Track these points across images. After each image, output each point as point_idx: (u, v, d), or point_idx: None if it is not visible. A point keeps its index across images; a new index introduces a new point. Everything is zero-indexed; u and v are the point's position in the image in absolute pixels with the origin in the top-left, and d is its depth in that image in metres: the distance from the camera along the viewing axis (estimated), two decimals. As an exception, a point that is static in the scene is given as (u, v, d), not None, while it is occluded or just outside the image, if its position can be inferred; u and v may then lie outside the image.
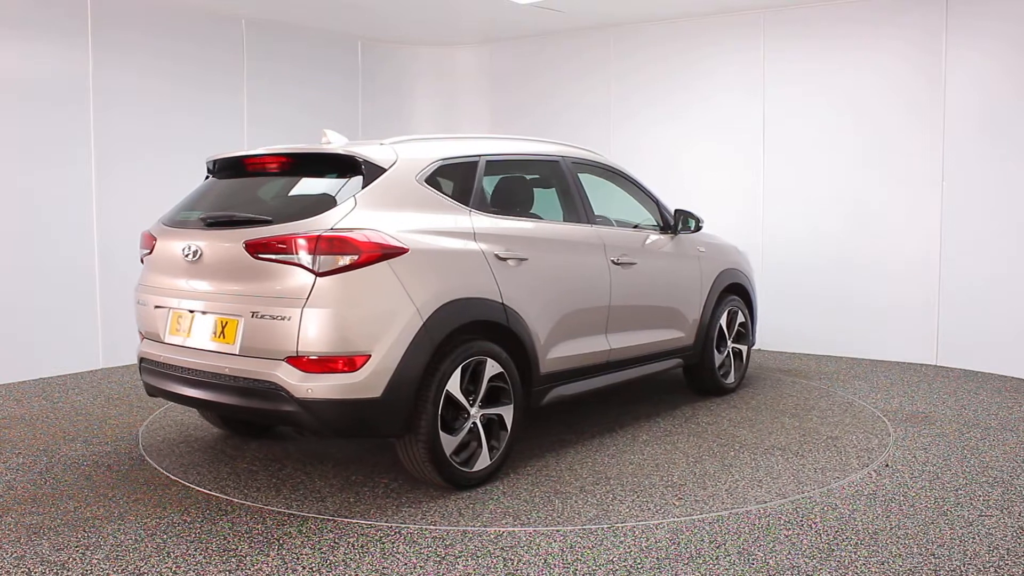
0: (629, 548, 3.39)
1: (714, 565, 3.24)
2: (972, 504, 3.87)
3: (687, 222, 5.63)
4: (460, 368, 3.96)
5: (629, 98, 8.39)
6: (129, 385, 6.30)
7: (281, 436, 5.02)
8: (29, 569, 3.20)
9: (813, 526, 3.61)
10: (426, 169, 4.15)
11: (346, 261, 3.66)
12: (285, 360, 3.69)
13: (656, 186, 5.84)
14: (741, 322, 6.16)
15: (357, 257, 3.67)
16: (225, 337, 3.87)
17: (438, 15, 8.10)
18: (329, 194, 3.92)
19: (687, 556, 3.32)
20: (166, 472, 4.35)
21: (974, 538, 3.48)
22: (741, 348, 6.21)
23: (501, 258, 4.24)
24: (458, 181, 4.36)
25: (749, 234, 7.60)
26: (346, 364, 3.66)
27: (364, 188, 3.89)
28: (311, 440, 4.91)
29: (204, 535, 3.52)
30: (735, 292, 6.12)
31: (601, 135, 8.42)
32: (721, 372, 5.98)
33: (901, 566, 3.22)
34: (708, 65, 7.95)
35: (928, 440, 4.91)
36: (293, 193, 4.14)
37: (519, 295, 4.29)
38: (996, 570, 3.18)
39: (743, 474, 4.29)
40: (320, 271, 3.65)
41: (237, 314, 3.82)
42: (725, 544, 3.43)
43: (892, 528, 3.59)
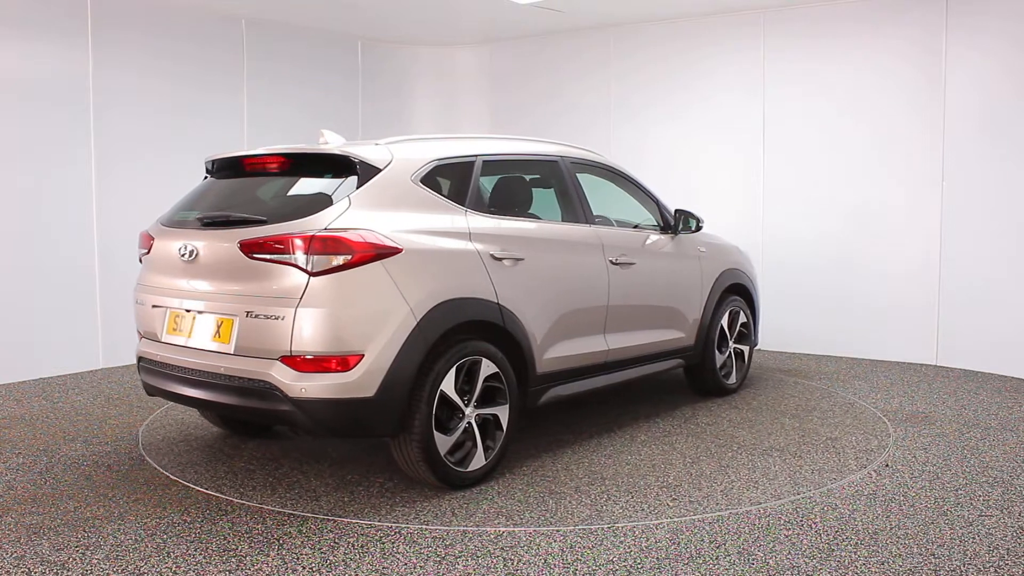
0: (629, 548, 3.39)
1: (714, 565, 3.24)
2: (972, 504, 3.87)
3: (687, 222, 5.62)
4: (455, 368, 3.96)
5: (629, 98, 8.39)
6: (129, 385, 6.30)
7: (279, 435, 5.02)
8: (29, 569, 3.20)
9: (813, 526, 3.61)
10: (421, 169, 4.15)
11: (340, 261, 3.67)
12: (279, 360, 3.70)
13: (656, 186, 5.83)
14: (743, 323, 6.15)
15: (351, 257, 3.68)
16: (221, 337, 3.88)
17: (438, 15, 8.10)
18: (324, 194, 3.93)
19: (687, 556, 3.32)
20: (166, 472, 4.35)
21: (974, 538, 3.48)
22: (743, 349, 6.20)
23: (497, 258, 4.23)
24: (454, 181, 4.36)
25: (749, 234, 7.60)
26: (339, 364, 3.67)
27: (359, 188, 3.89)
28: (309, 439, 4.91)
29: (204, 535, 3.52)
30: (737, 292, 6.10)
31: (601, 135, 8.42)
32: (722, 373, 5.97)
33: (901, 566, 3.22)
34: (708, 65, 7.95)
35: (928, 440, 4.91)
36: (289, 193, 4.15)
37: (515, 295, 4.28)
38: (996, 570, 3.18)
39: (739, 475, 4.28)
40: (314, 271, 3.66)
41: (232, 314, 3.83)
42: (725, 544, 3.43)
43: (892, 528, 3.59)
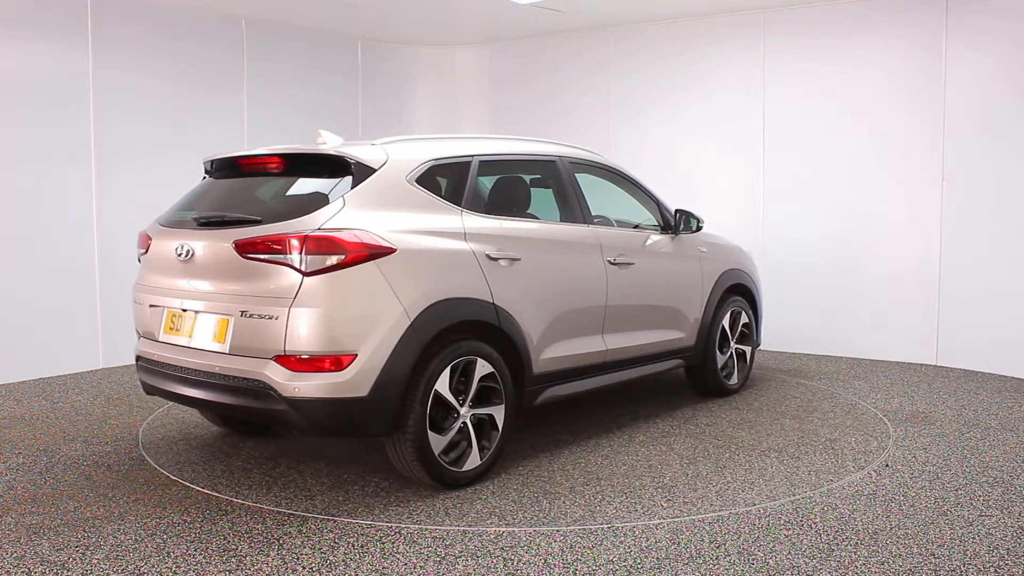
0: (629, 548, 3.39)
1: (714, 565, 3.23)
2: (972, 504, 3.87)
3: (688, 222, 5.61)
4: (449, 368, 3.96)
5: (629, 98, 8.39)
6: (129, 385, 6.30)
7: (279, 435, 5.02)
8: (29, 569, 3.20)
9: (813, 526, 3.61)
10: (417, 169, 4.15)
11: (333, 261, 3.67)
12: (273, 359, 3.71)
13: (656, 186, 5.82)
14: (745, 323, 6.13)
15: (344, 257, 3.68)
16: (216, 336, 3.89)
17: (438, 15, 8.10)
18: (319, 194, 3.94)
19: (687, 556, 3.32)
20: (166, 472, 4.35)
21: (974, 538, 3.48)
22: (745, 349, 6.17)
23: (492, 258, 4.23)
24: (450, 181, 4.36)
25: (749, 234, 7.60)
26: (333, 363, 3.67)
27: (353, 188, 3.90)
28: (307, 439, 4.91)
29: (204, 535, 3.52)
30: (738, 293, 6.09)
31: (601, 135, 8.42)
32: (724, 373, 5.95)
33: (901, 566, 3.22)
34: (708, 65, 7.95)
35: (928, 440, 4.91)
36: (285, 193, 4.16)
37: (511, 295, 4.28)
38: (996, 570, 3.18)
39: (735, 476, 4.27)
40: (307, 271, 3.66)
41: (227, 313, 3.85)
42: (725, 544, 3.43)
43: (892, 528, 3.59)
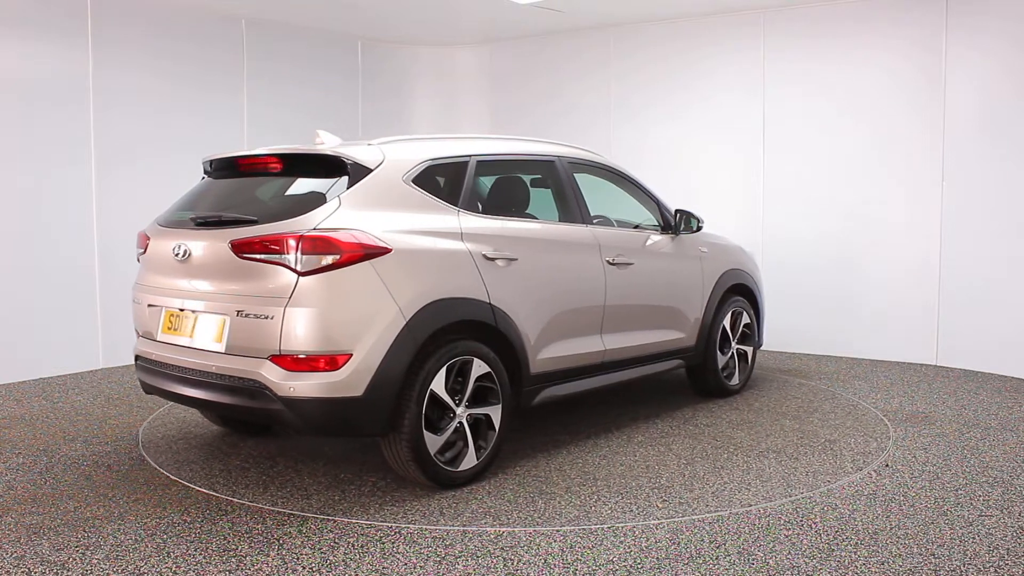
0: (629, 548, 3.39)
1: (714, 565, 3.23)
2: (972, 504, 3.87)
3: (688, 222, 5.60)
4: (445, 368, 3.97)
5: (629, 98, 8.39)
6: (129, 385, 6.30)
7: (277, 434, 5.02)
8: (29, 569, 3.20)
9: (813, 526, 3.61)
10: (413, 169, 4.15)
11: (328, 261, 3.68)
12: (269, 359, 3.72)
13: (656, 186, 5.82)
14: (746, 323, 6.11)
15: (339, 257, 3.69)
16: (213, 336, 3.90)
17: (438, 15, 8.10)
18: (315, 194, 3.95)
19: (687, 556, 3.32)
20: (166, 472, 4.35)
21: (974, 538, 3.48)
22: (746, 349, 6.14)
23: (489, 258, 4.23)
24: (447, 181, 4.35)
25: (749, 234, 7.60)
26: (328, 363, 3.68)
27: (349, 188, 3.91)
28: (306, 438, 4.91)
29: (204, 535, 3.52)
30: (740, 293, 6.07)
31: (601, 135, 8.42)
32: (725, 374, 5.93)
33: (901, 566, 3.22)
34: (708, 65, 7.95)
35: (928, 440, 4.91)
36: (282, 193, 4.17)
37: (508, 295, 4.28)
38: (996, 570, 3.18)
39: (732, 477, 4.27)
40: (302, 271, 3.67)
41: (224, 313, 3.86)
42: (725, 544, 3.43)
43: (892, 528, 3.59)
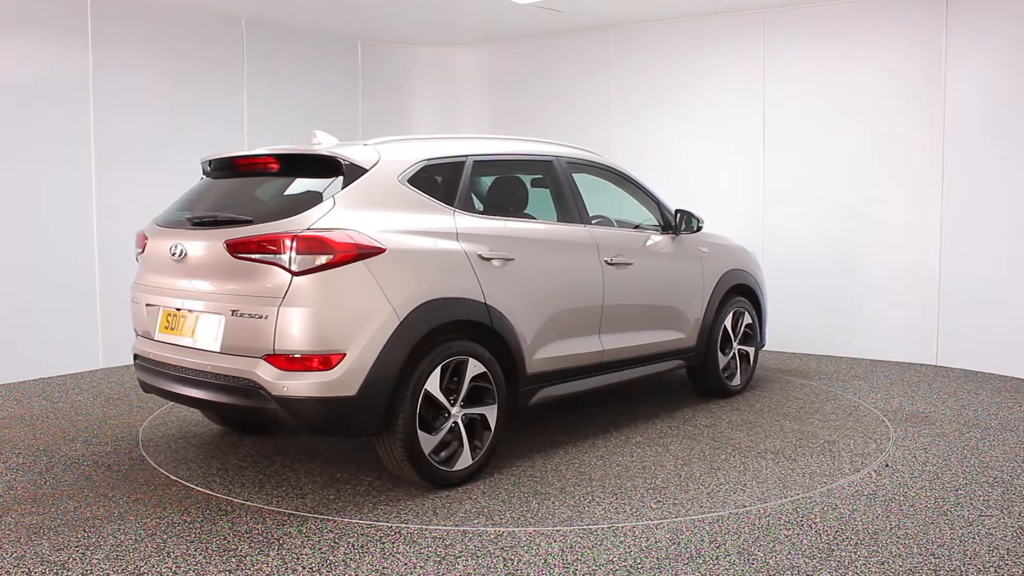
0: (629, 548, 3.39)
1: (714, 565, 3.24)
2: (972, 504, 3.87)
3: (689, 222, 5.59)
4: (440, 367, 3.97)
5: (629, 98, 8.39)
6: (129, 385, 6.30)
7: (276, 433, 5.02)
8: (29, 569, 3.20)
9: (813, 526, 3.61)
10: (409, 170, 4.16)
11: (322, 261, 3.69)
12: (263, 358, 3.73)
13: (656, 186, 5.81)
14: (748, 323, 6.08)
15: (332, 257, 3.70)
16: (208, 335, 3.92)
17: (438, 15, 8.10)
18: (311, 194, 3.96)
19: (687, 556, 3.32)
20: (166, 472, 4.35)
21: (974, 538, 3.48)
22: (748, 350, 6.12)
23: (485, 258, 4.23)
24: (443, 181, 4.36)
25: (749, 234, 7.59)
26: (321, 362, 3.68)
27: (344, 188, 3.92)
28: (304, 437, 4.91)
29: (204, 535, 3.52)
30: (741, 293, 6.04)
31: (601, 135, 8.42)
32: (726, 374, 5.91)
33: (901, 566, 3.22)
34: (708, 65, 7.95)
35: (928, 440, 4.91)
36: (277, 193, 4.19)
37: (504, 295, 4.28)
38: (996, 570, 3.18)
39: (728, 477, 4.26)
40: (297, 270, 3.68)
41: (219, 312, 3.88)
42: (725, 544, 3.43)
43: (892, 528, 3.59)
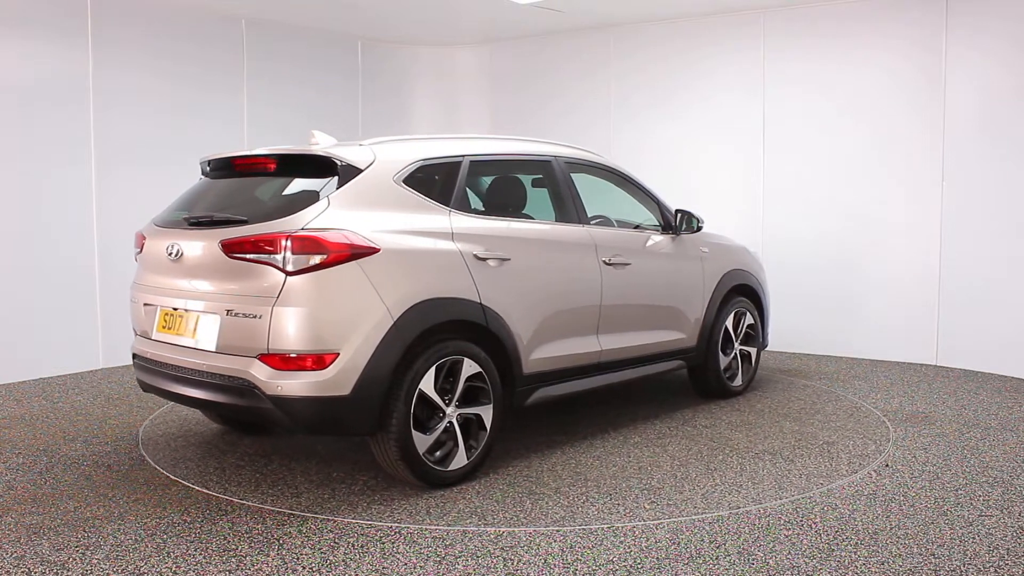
0: (629, 548, 3.39)
1: (714, 565, 3.23)
2: (972, 504, 3.87)
3: (689, 222, 5.58)
4: (434, 367, 3.97)
5: (629, 98, 8.39)
6: (129, 385, 6.30)
7: (274, 432, 5.02)
8: (29, 569, 3.20)
9: (813, 526, 3.61)
10: (404, 170, 4.16)
11: (316, 260, 3.70)
12: (257, 358, 3.74)
13: (656, 186, 5.80)
14: (749, 324, 6.06)
15: (326, 256, 3.70)
16: (204, 335, 3.94)
17: (438, 15, 8.10)
18: (306, 194, 3.97)
19: (687, 556, 3.32)
20: (166, 472, 4.35)
21: (974, 538, 3.48)
22: (749, 350, 6.09)
23: (480, 258, 4.23)
24: (439, 181, 4.36)
25: (749, 234, 7.59)
26: (315, 362, 3.69)
27: (339, 188, 3.93)
28: (301, 436, 4.92)
29: (204, 535, 3.52)
30: (743, 293, 6.01)
31: (601, 135, 8.42)
32: (727, 375, 5.90)
33: (901, 566, 3.22)
34: (708, 65, 7.95)
35: (928, 440, 4.91)
36: (273, 193, 4.20)
37: (499, 295, 4.28)
38: (996, 570, 3.18)
39: (724, 478, 4.25)
40: (290, 270, 3.69)
41: (214, 312, 3.89)
42: (725, 544, 3.43)
43: (892, 528, 3.59)
